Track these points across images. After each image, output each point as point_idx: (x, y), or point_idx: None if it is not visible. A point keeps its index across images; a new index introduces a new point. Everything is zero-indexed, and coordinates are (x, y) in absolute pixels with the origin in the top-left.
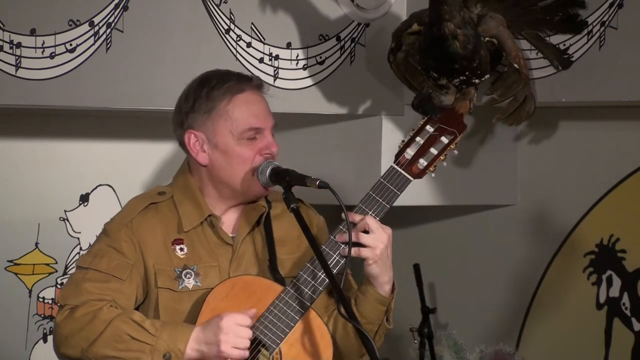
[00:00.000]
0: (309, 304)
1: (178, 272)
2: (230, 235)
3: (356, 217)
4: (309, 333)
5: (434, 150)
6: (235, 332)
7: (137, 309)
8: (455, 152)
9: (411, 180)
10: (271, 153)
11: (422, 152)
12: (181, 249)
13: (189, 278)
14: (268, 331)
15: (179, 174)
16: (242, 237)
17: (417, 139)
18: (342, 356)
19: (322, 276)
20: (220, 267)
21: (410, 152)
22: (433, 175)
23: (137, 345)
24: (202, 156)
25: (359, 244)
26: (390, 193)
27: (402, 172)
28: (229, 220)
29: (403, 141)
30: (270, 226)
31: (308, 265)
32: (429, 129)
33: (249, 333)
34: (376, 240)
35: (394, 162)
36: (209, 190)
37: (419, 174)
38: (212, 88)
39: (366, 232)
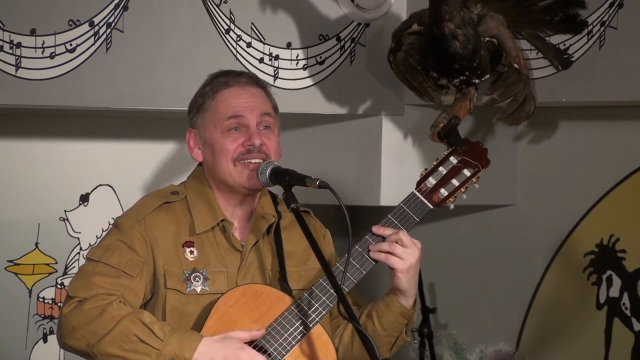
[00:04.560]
0: (317, 319)
1: (187, 275)
2: (240, 242)
3: (387, 231)
4: (315, 348)
5: (455, 182)
6: None
7: (144, 306)
8: (477, 186)
9: (430, 208)
10: (252, 144)
11: (443, 182)
12: (191, 252)
13: (197, 281)
14: (274, 341)
15: (193, 175)
16: (250, 245)
17: (440, 168)
18: None
19: (334, 293)
20: (228, 273)
21: (432, 181)
22: (452, 207)
23: (144, 347)
24: (197, 153)
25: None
26: (409, 219)
27: (423, 199)
28: (239, 227)
29: (426, 169)
30: (280, 237)
31: (321, 280)
32: (453, 160)
33: None
34: (408, 254)
35: (415, 189)
36: (216, 190)
37: (439, 203)
38: (205, 86)
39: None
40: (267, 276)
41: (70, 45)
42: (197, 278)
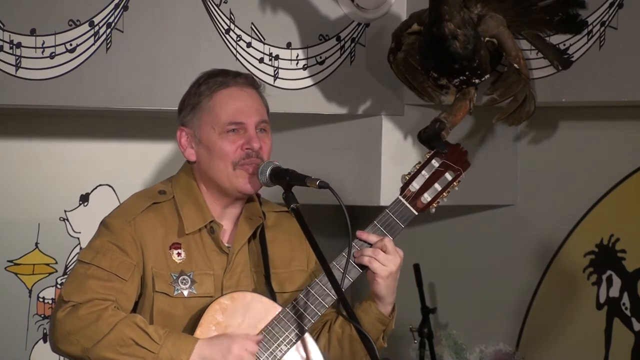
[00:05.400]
0: (306, 327)
1: (174, 277)
2: (227, 244)
3: (372, 237)
4: (304, 356)
5: (438, 186)
6: (244, 358)
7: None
8: (456, 189)
9: (415, 215)
10: (251, 148)
11: (427, 186)
12: (178, 254)
13: (185, 284)
14: (264, 350)
15: (181, 173)
16: (237, 248)
17: (423, 172)
18: None
19: (322, 301)
20: (214, 276)
21: (415, 186)
22: (433, 211)
23: (140, 351)
24: (190, 152)
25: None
26: (394, 226)
27: (408, 205)
28: (226, 228)
29: (409, 173)
30: (265, 239)
31: (308, 288)
32: (435, 163)
33: None
34: (390, 262)
35: (400, 195)
36: (205, 190)
37: (423, 209)
38: (199, 85)
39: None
40: (253, 279)
41: (70, 45)
42: (184, 281)
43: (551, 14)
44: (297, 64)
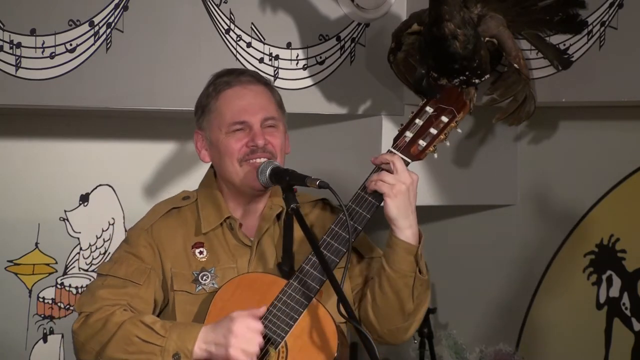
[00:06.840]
0: (312, 295)
1: (195, 275)
2: (249, 237)
3: (386, 157)
4: (313, 323)
5: (433, 130)
6: (246, 336)
7: (160, 313)
8: (459, 130)
9: (409, 162)
10: (255, 145)
11: (421, 133)
12: (200, 252)
13: (206, 280)
14: (273, 325)
15: (205, 178)
16: (259, 237)
17: (417, 120)
18: (384, 321)
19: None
20: (238, 268)
21: (409, 135)
22: (435, 155)
23: (147, 347)
24: (204, 154)
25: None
26: None
27: (400, 155)
28: (248, 222)
29: (402, 124)
30: (291, 224)
31: (310, 256)
32: (429, 109)
33: (259, 339)
34: (397, 180)
35: (392, 146)
36: (226, 191)
37: (418, 155)
38: (208, 87)
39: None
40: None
41: (70, 45)
42: (205, 277)
43: (551, 14)
44: (297, 64)
